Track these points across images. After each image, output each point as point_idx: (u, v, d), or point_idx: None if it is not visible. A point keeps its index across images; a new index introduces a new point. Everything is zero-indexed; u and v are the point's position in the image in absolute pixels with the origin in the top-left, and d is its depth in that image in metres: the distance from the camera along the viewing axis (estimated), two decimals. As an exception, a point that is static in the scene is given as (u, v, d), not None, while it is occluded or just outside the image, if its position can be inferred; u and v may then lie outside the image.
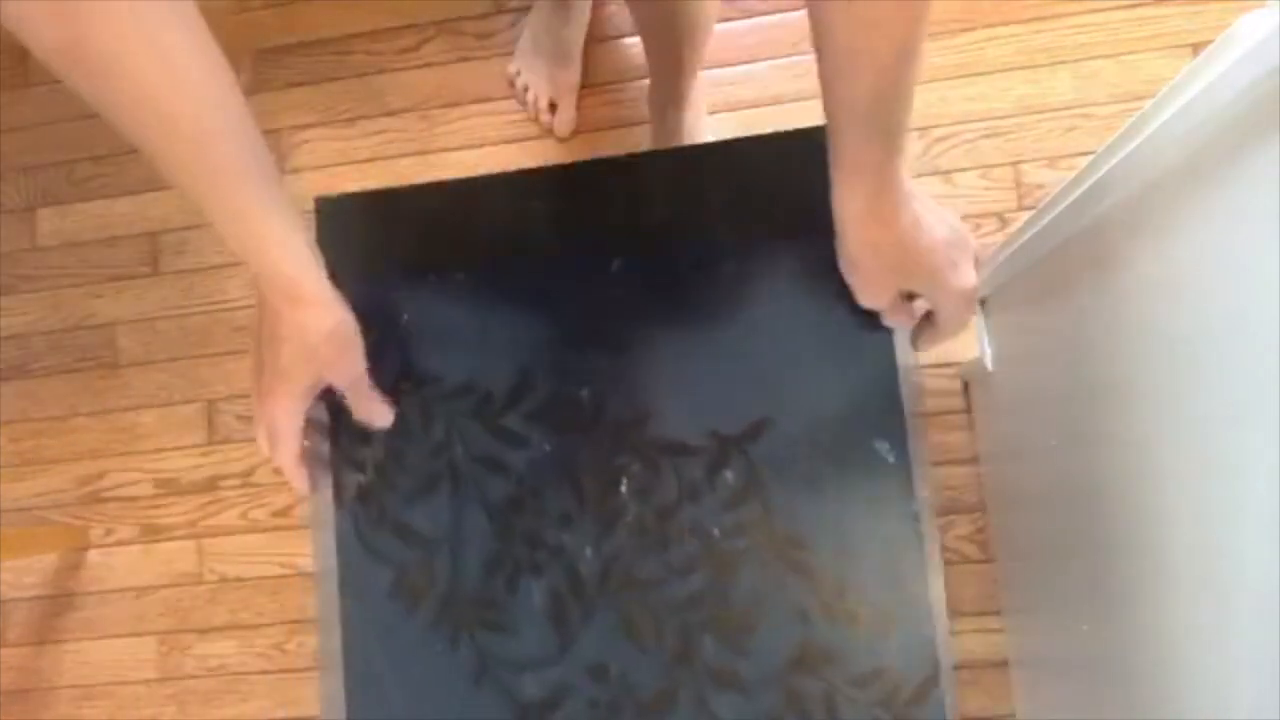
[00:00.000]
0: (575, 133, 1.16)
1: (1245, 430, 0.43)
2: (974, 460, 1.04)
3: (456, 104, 1.19)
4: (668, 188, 0.58)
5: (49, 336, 1.24)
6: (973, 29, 1.10)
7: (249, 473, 1.17)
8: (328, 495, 0.58)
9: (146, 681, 1.16)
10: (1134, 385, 0.56)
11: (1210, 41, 0.43)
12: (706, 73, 1.09)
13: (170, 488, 1.18)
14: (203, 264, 1.21)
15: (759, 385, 0.54)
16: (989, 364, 0.90)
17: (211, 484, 1.18)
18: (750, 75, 1.14)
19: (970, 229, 0.67)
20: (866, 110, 0.45)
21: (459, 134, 1.19)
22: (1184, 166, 0.46)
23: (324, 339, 0.52)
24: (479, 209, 0.60)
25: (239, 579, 1.16)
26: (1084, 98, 1.07)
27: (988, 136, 1.08)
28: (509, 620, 0.54)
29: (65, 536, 1.19)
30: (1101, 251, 0.58)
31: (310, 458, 0.57)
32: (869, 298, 0.53)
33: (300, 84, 1.23)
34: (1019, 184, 1.07)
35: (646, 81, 1.11)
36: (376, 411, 0.57)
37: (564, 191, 0.60)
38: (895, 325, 0.55)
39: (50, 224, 1.26)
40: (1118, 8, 1.07)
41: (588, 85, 1.17)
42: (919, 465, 0.53)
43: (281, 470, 0.56)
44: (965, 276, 0.51)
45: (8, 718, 1.18)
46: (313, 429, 0.57)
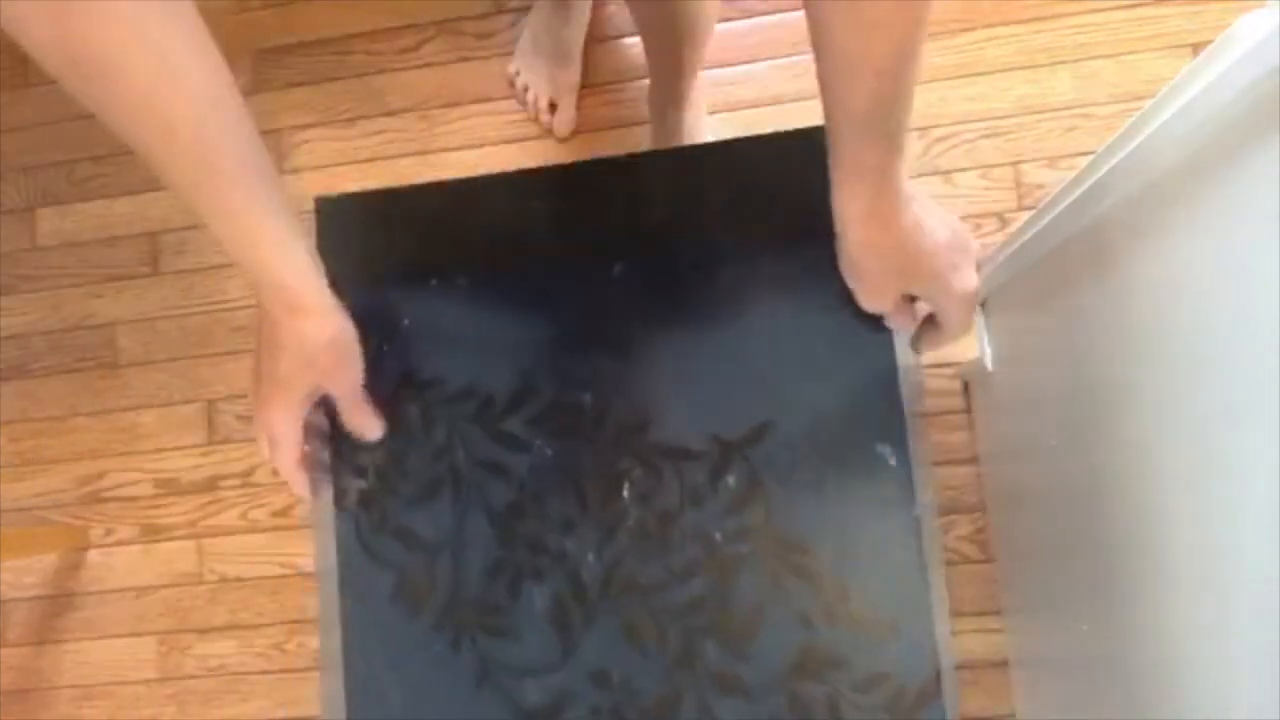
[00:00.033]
0: (575, 133, 1.16)
1: (1245, 430, 0.43)
2: (974, 460, 1.04)
3: (456, 104, 1.19)
4: (668, 188, 0.58)
5: (49, 336, 1.24)
6: (973, 29, 1.10)
7: (249, 473, 1.17)
8: (329, 497, 0.58)
9: (146, 681, 1.16)
10: (1134, 385, 0.56)
11: (1210, 41, 0.43)
12: (706, 73, 1.09)
13: (170, 488, 1.18)
14: (203, 264, 1.21)
15: (760, 388, 0.54)
16: (989, 364, 0.90)
17: (211, 484, 1.18)
18: (750, 75, 1.14)
19: (970, 229, 0.67)
20: (866, 112, 0.45)
21: (459, 134, 1.19)
22: (1184, 166, 0.46)
23: (323, 349, 0.52)
24: (479, 209, 0.60)
25: (239, 579, 1.16)
26: (1084, 98, 1.07)
27: (988, 136, 1.08)
28: (511, 625, 0.54)
29: (65, 536, 1.19)
30: (1101, 251, 0.58)
31: (311, 462, 0.57)
32: (871, 301, 0.52)
33: (300, 84, 1.23)
34: (1019, 184, 1.07)
35: (646, 81, 1.11)
36: (368, 424, 0.56)
37: (564, 192, 0.60)
38: (897, 328, 0.54)
39: (50, 224, 1.26)
40: (1118, 8, 1.07)
41: (588, 85, 1.17)
42: (921, 468, 0.53)
43: (283, 474, 0.56)
44: (967, 279, 0.51)
45: (8, 718, 1.18)
46: (313, 434, 0.57)
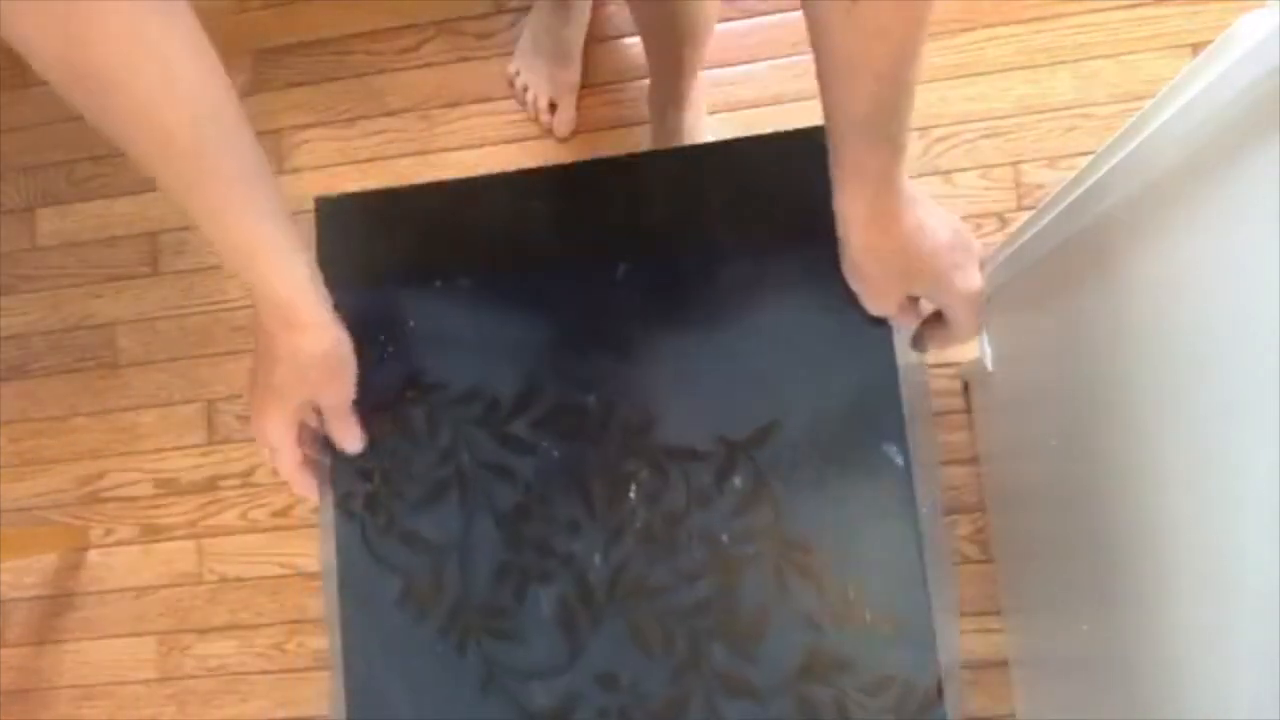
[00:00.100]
0: (575, 133, 1.16)
1: (1245, 430, 0.43)
2: (974, 460, 1.04)
3: (456, 104, 1.19)
4: (668, 188, 0.58)
5: (49, 336, 1.24)
6: (973, 29, 1.10)
7: (249, 473, 1.17)
8: (335, 499, 0.58)
9: (146, 681, 1.16)
10: (1134, 385, 0.56)
11: (1210, 41, 0.43)
12: (706, 73, 1.09)
13: (170, 488, 1.18)
14: (203, 264, 1.21)
15: (764, 389, 0.54)
16: (989, 364, 0.90)
17: (211, 484, 1.18)
18: (750, 75, 1.14)
19: (970, 229, 0.67)
20: (867, 115, 0.44)
21: (459, 134, 1.19)
22: (1184, 166, 0.46)
23: (317, 362, 0.52)
24: (479, 209, 0.60)
25: (239, 579, 1.15)
26: (1084, 98, 1.07)
27: (988, 136, 1.08)
28: (517, 628, 0.54)
29: (65, 536, 1.19)
30: (1101, 251, 0.58)
31: (315, 463, 0.57)
32: (875, 303, 0.52)
33: (300, 84, 1.23)
34: (1019, 184, 1.07)
35: (646, 81, 1.11)
36: (349, 436, 0.56)
37: (564, 192, 0.60)
38: (902, 327, 0.54)
39: (50, 224, 1.26)
40: (1118, 8, 1.07)
41: (588, 85, 1.17)
42: (930, 468, 0.52)
43: (284, 477, 0.56)
44: (970, 278, 0.51)
45: (8, 718, 1.18)
46: (314, 437, 0.57)
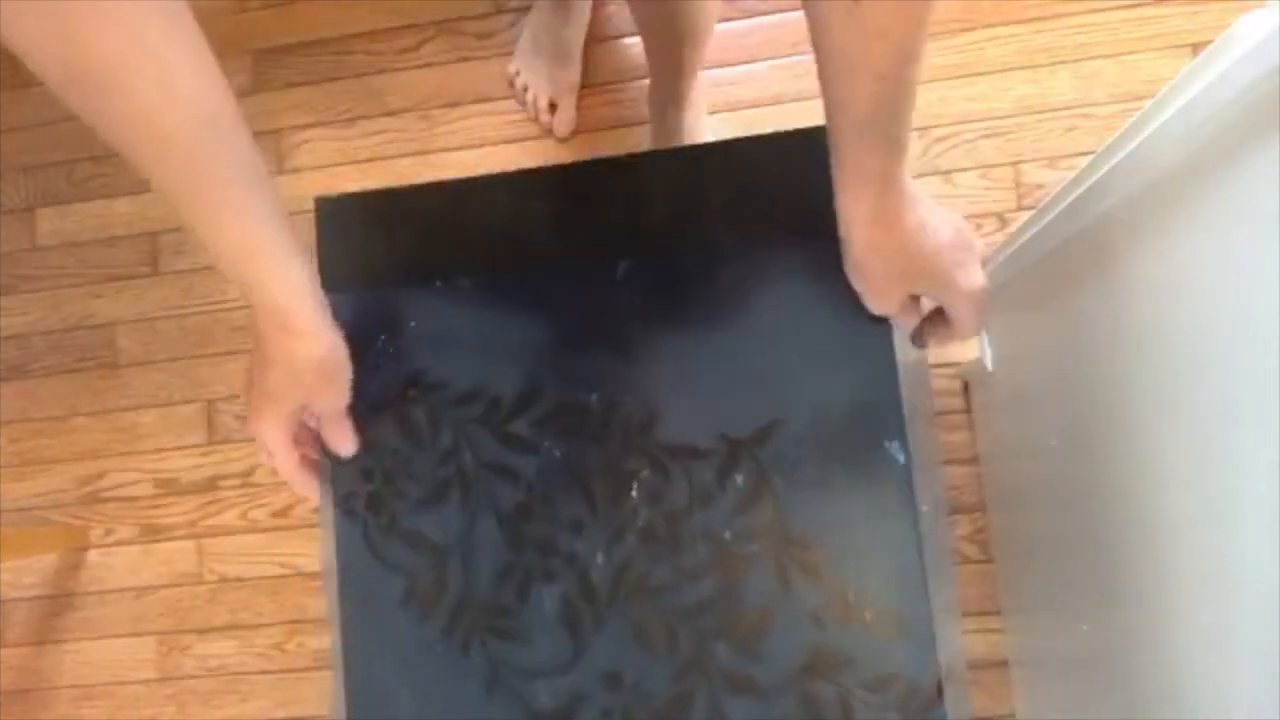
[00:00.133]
0: (575, 133, 1.16)
1: (1245, 430, 0.43)
2: (974, 460, 1.04)
3: (456, 104, 1.19)
4: (668, 188, 0.58)
5: (49, 336, 1.24)
6: (973, 29, 1.10)
7: (249, 473, 1.17)
8: (339, 499, 0.58)
9: (146, 681, 1.16)
10: (1134, 385, 0.56)
11: (1210, 41, 0.43)
12: (706, 73, 1.09)
13: (170, 488, 1.18)
14: (202, 264, 1.21)
15: (765, 387, 0.54)
16: (989, 364, 0.90)
17: (211, 484, 1.18)
18: (750, 75, 1.14)
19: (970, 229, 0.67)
20: (868, 115, 0.44)
21: (459, 134, 1.19)
22: (1184, 166, 0.46)
23: (312, 368, 0.52)
24: (479, 209, 0.60)
25: (239, 579, 1.16)
26: (1084, 98, 1.07)
27: (988, 136, 1.08)
28: (521, 628, 0.54)
29: (65, 536, 1.19)
30: (1101, 251, 0.58)
31: (315, 463, 0.57)
32: (877, 303, 0.52)
33: (300, 84, 1.23)
34: (1019, 184, 1.07)
35: (646, 81, 1.11)
36: (343, 441, 0.56)
37: (564, 192, 0.60)
38: (903, 326, 0.54)
39: (50, 224, 1.26)
40: (1118, 8, 1.07)
41: (588, 85, 1.17)
42: (931, 467, 0.52)
43: (284, 478, 0.56)
44: (973, 276, 0.51)
45: (8, 718, 1.18)
46: (313, 438, 0.57)
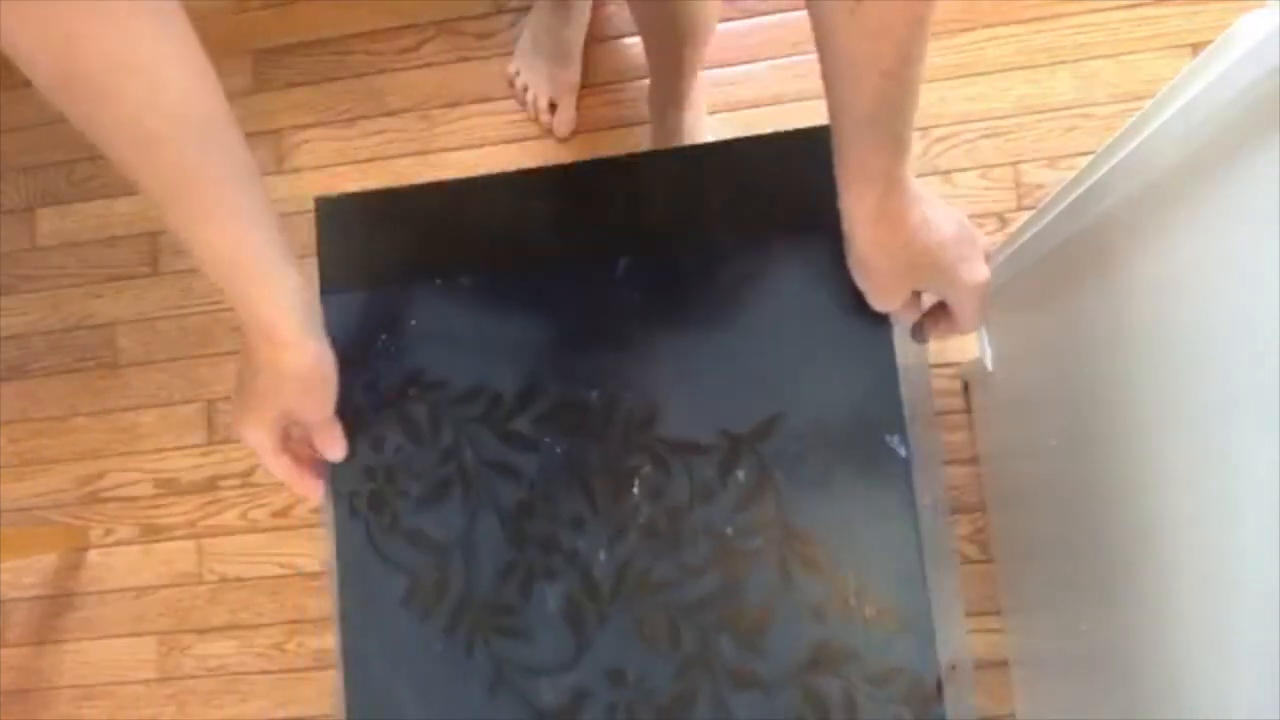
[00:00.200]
0: (575, 133, 1.16)
1: (1245, 430, 0.43)
2: (974, 460, 1.04)
3: (456, 104, 1.19)
4: (668, 188, 0.58)
5: (49, 336, 1.24)
6: (973, 29, 1.10)
7: (249, 473, 1.17)
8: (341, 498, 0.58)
9: (146, 681, 1.16)
10: (1134, 385, 0.56)
11: (1210, 41, 0.43)
12: (706, 73, 1.09)
13: (170, 488, 1.18)
14: (203, 264, 1.21)
15: (766, 384, 0.54)
16: (989, 364, 0.90)
17: (211, 484, 1.18)
18: (750, 75, 1.14)
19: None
20: (871, 114, 0.44)
21: (459, 134, 1.19)
22: (1184, 166, 0.46)
23: (295, 379, 0.52)
24: (479, 209, 0.60)
25: (239, 579, 1.16)
26: (1084, 98, 1.07)
27: (988, 136, 1.08)
28: (524, 626, 0.54)
29: (65, 536, 1.19)
30: (1101, 251, 0.58)
31: (316, 463, 0.57)
32: (880, 300, 0.52)
33: (300, 84, 1.23)
34: (1019, 184, 1.07)
35: (646, 81, 1.11)
36: (331, 446, 0.56)
37: (564, 191, 0.60)
38: (905, 321, 0.54)
39: (50, 224, 1.26)
40: (1118, 8, 1.07)
41: (588, 85, 1.17)
42: (931, 466, 0.52)
43: (279, 479, 0.56)
44: (977, 270, 0.51)
45: (8, 718, 1.18)
46: (306, 438, 0.57)
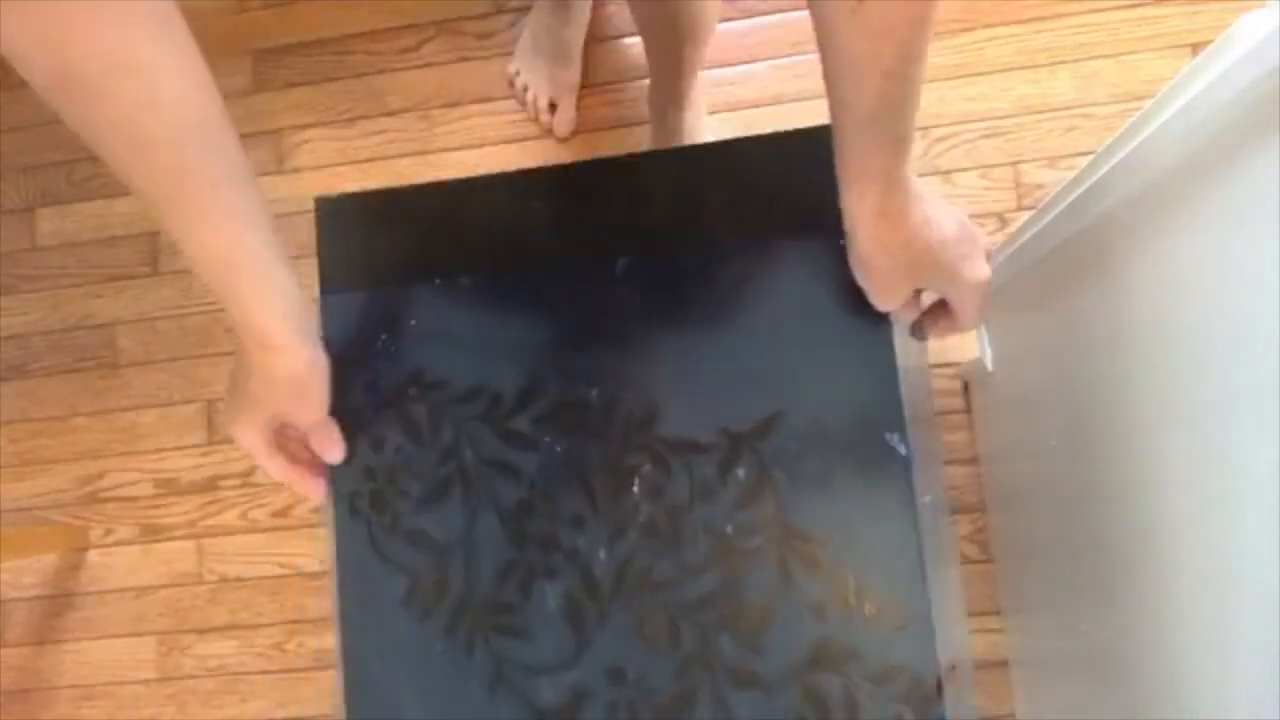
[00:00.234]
0: (575, 133, 1.16)
1: (1245, 429, 0.43)
2: (974, 460, 1.04)
3: (456, 104, 1.19)
4: (668, 188, 0.58)
5: (49, 336, 1.24)
6: (973, 29, 1.10)
7: (249, 473, 1.17)
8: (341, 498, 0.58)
9: (146, 681, 1.16)
10: (1134, 385, 0.56)
11: (1210, 41, 0.43)
12: (706, 73, 1.09)
13: (170, 488, 1.18)
14: (203, 264, 1.21)
15: (766, 383, 0.54)
16: (989, 364, 0.90)
17: (211, 484, 1.18)
18: (750, 75, 1.14)
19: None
20: (872, 114, 0.45)
21: (459, 134, 1.19)
22: (1184, 166, 0.46)
23: (287, 384, 0.52)
24: (479, 209, 0.60)
25: (239, 579, 1.16)
26: (1084, 98, 1.07)
27: (988, 136, 1.08)
28: (524, 625, 0.54)
29: (65, 536, 1.19)
30: (1101, 251, 0.58)
31: (314, 462, 0.57)
32: (881, 298, 0.52)
33: (300, 84, 1.23)
34: (1019, 184, 1.07)
35: (646, 81, 1.11)
36: (329, 448, 0.56)
37: (564, 191, 0.60)
38: (905, 320, 0.55)
39: (50, 224, 1.26)
40: (1118, 8, 1.07)
41: (588, 85, 1.17)
42: (931, 466, 0.52)
43: (277, 479, 0.56)
44: (978, 269, 0.51)
45: (8, 718, 1.18)
46: (302, 438, 0.57)
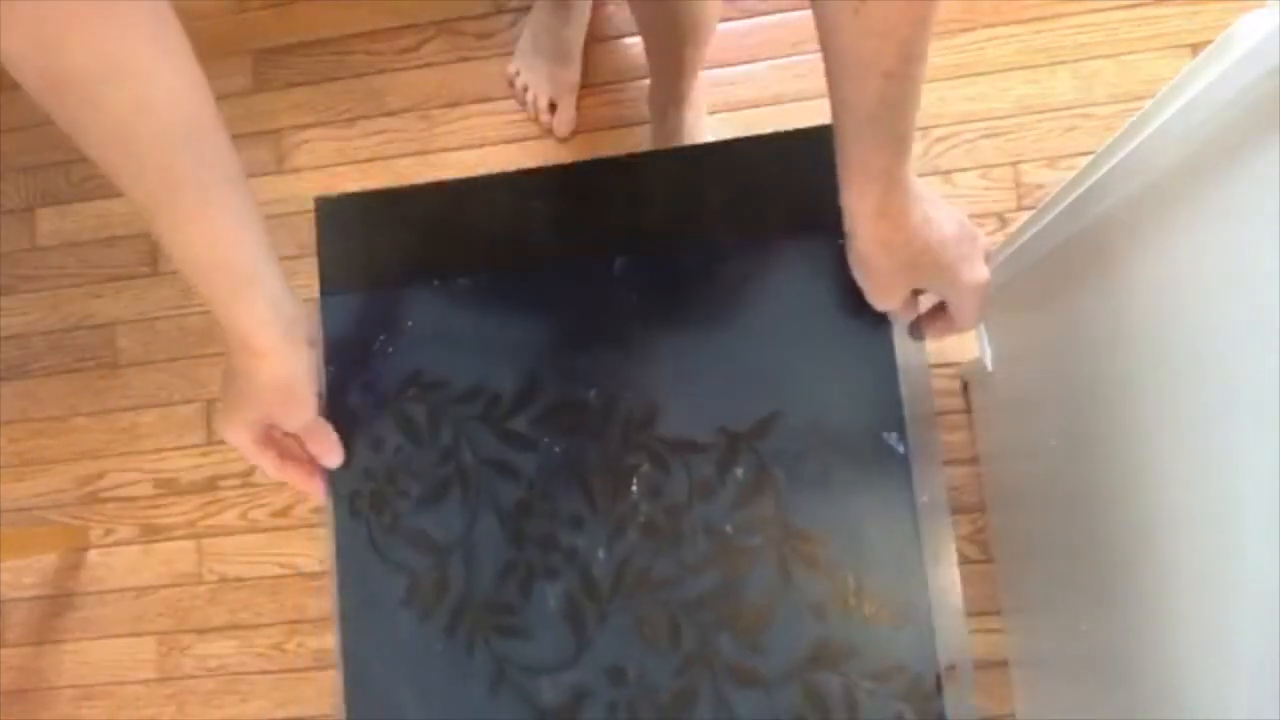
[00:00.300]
0: (575, 133, 1.16)
1: (1245, 429, 0.43)
2: (974, 460, 1.04)
3: (456, 104, 1.19)
4: (668, 188, 0.58)
5: (49, 336, 1.24)
6: (973, 29, 1.10)
7: (249, 473, 1.17)
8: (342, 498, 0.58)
9: (146, 681, 1.16)
10: (1134, 385, 0.56)
11: (1210, 41, 0.43)
12: (706, 73, 1.09)
13: (170, 488, 1.18)
14: (203, 264, 1.21)
15: (765, 383, 0.54)
16: (989, 364, 0.90)
17: (211, 484, 1.18)
18: (750, 75, 1.14)
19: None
20: (874, 113, 0.45)
21: (459, 134, 1.19)
22: (1184, 166, 0.46)
23: (271, 388, 0.52)
24: (479, 209, 0.60)
25: (239, 579, 1.16)
26: (1084, 98, 1.07)
27: (988, 136, 1.08)
28: (524, 625, 0.54)
29: (65, 536, 1.19)
30: (1101, 251, 0.58)
31: (311, 459, 0.57)
32: (880, 298, 0.52)
33: (300, 84, 1.23)
34: (1019, 184, 1.07)
35: (646, 81, 1.11)
36: (326, 451, 0.56)
37: (564, 191, 0.60)
38: (903, 320, 0.55)
39: (50, 224, 1.26)
40: (1118, 8, 1.07)
41: (588, 85, 1.17)
42: (930, 465, 0.52)
43: (275, 478, 0.56)
44: (978, 270, 0.51)
45: (8, 718, 1.18)
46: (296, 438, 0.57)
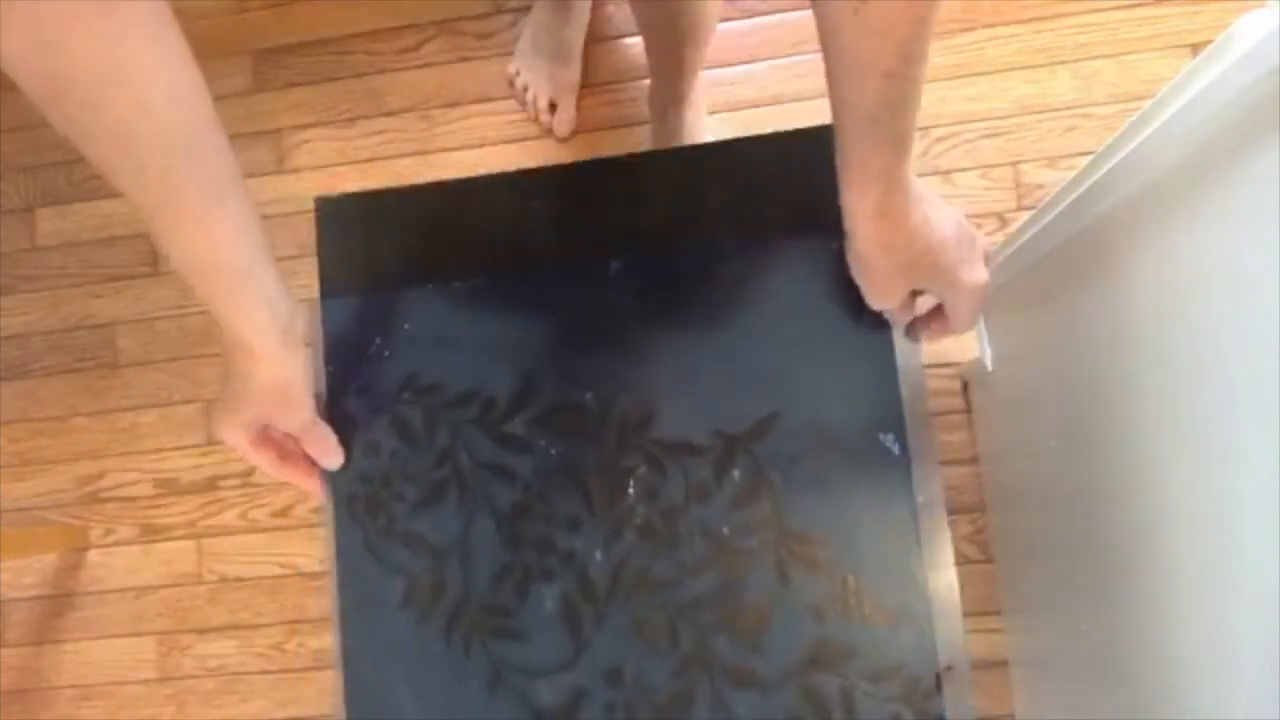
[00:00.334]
0: (575, 133, 1.16)
1: (1245, 429, 0.43)
2: (974, 460, 1.04)
3: (456, 104, 1.19)
4: (668, 188, 0.58)
5: (49, 336, 1.24)
6: (973, 29, 1.10)
7: (249, 473, 1.17)
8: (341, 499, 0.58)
9: (146, 681, 1.16)
10: (1134, 385, 0.56)
11: (1210, 41, 0.43)
12: (706, 73, 1.09)
13: (170, 488, 1.18)
14: (203, 264, 1.21)
15: (762, 384, 0.54)
16: (989, 364, 0.90)
17: (211, 484, 1.18)
18: (750, 75, 1.14)
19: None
20: (874, 113, 0.45)
21: (459, 134, 1.19)
22: (1184, 166, 0.46)
23: (268, 390, 0.52)
24: (479, 209, 0.60)
25: (239, 579, 1.16)
26: (1084, 98, 1.07)
27: (988, 136, 1.08)
28: (521, 627, 0.54)
29: (65, 536, 1.19)
30: (1101, 251, 0.58)
31: (302, 459, 0.57)
32: (880, 298, 0.52)
33: (300, 84, 1.23)
34: (1019, 184, 1.07)
35: (646, 81, 1.11)
36: (327, 453, 0.56)
37: (564, 191, 0.60)
38: (900, 321, 0.55)
39: (50, 224, 1.26)
40: (1118, 8, 1.07)
41: (588, 85, 1.17)
42: (928, 457, 0.52)
43: (272, 475, 0.56)
44: (977, 272, 0.51)
45: (8, 718, 1.18)
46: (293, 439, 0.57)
